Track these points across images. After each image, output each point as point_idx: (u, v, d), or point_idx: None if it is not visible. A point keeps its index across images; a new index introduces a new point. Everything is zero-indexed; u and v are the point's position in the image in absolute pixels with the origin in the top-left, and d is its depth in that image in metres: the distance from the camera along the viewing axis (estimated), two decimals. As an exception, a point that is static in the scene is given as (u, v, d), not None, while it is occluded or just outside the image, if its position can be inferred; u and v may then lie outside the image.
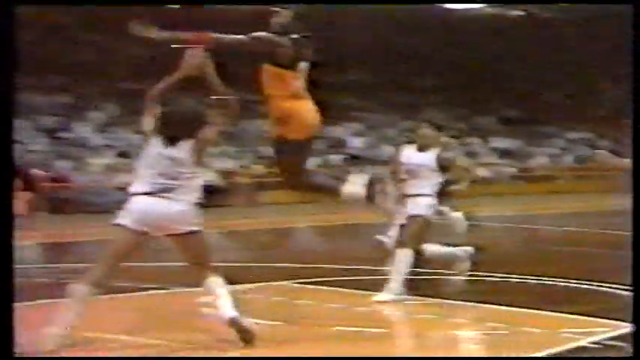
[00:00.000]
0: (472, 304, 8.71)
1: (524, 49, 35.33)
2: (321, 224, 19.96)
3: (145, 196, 6.98)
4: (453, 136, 35.14)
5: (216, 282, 7.09)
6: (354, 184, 7.84)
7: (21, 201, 8.08)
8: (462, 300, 8.87)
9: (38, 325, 6.87)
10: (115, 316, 8.19)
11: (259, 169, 27.47)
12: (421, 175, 8.97)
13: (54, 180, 23.66)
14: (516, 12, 35.97)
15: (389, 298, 8.71)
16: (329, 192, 8.10)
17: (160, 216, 6.99)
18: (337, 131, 32.06)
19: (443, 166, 9.05)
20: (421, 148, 9.10)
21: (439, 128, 9.34)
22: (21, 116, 26.24)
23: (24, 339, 6.65)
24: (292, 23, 7.67)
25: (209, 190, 25.58)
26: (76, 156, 25.97)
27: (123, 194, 7.35)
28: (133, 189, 7.03)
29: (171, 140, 6.97)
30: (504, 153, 35.40)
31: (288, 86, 7.58)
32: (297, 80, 7.63)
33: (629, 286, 5.59)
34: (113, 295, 8.39)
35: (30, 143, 25.12)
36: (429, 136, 9.15)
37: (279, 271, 11.08)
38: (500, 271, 10.43)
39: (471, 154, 33.77)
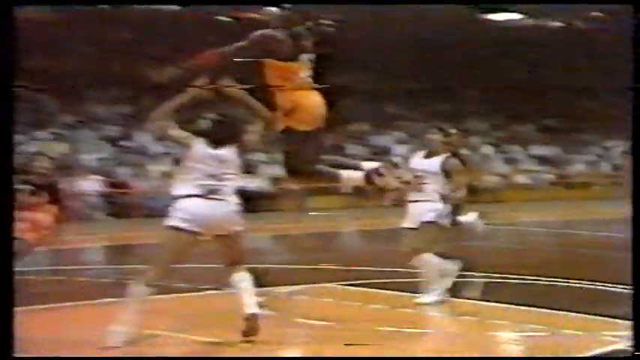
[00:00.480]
0: (513, 306, 8.57)
1: (563, 59, 35.04)
2: (367, 228, 19.87)
3: (195, 198, 6.97)
4: (493, 144, 34.88)
5: (242, 277, 7.12)
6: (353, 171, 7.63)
7: (47, 213, 8.09)
8: (502, 302, 8.75)
9: (104, 322, 6.93)
10: (174, 315, 8.20)
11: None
12: (428, 181, 8.73)
13: (116, 186, 23.92)
14: (556, 23, 35.66)
15: (430, 300, 8.58)
16: (330, 179, 7.74)
17: (211, 217, 7.00)
18: (382, 139, 31.95)
19: (447, 172, 8.76)
20: (429, 155, 8.89)
21: (447, 134, 9.06)
22: (86, 126, 26.49)
23: (93, 335, 6.87)
24: (289, 17, 7.46)
25: (259, 195, 25.59)
26: (136, 163, 26.18)
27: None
28: (180, 191, 7.03)
29: (219, 143, 7.00)
30: (543, 160, 35.11)
31: (292, 79, 7.32)
32: (301, 72, 7.38)
33: (630, 286, 5.49)
34: (172, 295, 8.45)
35: (94, 151, 25.30)
36: (436, 142, 8.92)
37: (326, 274, 10.99)
38: (539, 274, 10.29)
39: (511, 161, 33.50)
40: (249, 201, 8.46)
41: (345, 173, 7.46)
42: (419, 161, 8.92)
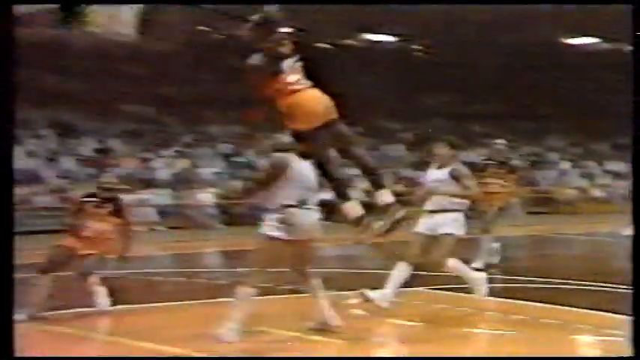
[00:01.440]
0: (593, 311, 8.38)
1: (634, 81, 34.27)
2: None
3: (294, 208, 7.01)
4: (571, 160, 34.09)
5: (319, 282, 7.23)
6: (355, 206, 7.14)
7: (109, 224, 8.31)
8: (583, 307, 8.56)
9: (219, 319, 7.02)
10: (279, 314, 8.27)
11: (399, 187, 27.33)
12: (439, 192, 8.45)
13: (229, 197, 24.19)
14: (629, 47, 35.00)
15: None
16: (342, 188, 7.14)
17: (306, 225, 7.06)
18: (468, 156, 31.60)
19: (455, 177, 8.43)
20: (439, 167, 8.61)
21: (455, 146, 8.76)
22: (204, 144, 26.85)
23: (209, 332, 6.93)
24: (265, 23, 7.11)
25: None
26: (246, 177, 26.39)
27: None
28: (282, 201, 7.03)
29: (304, 157, 7.08)
30: (617, 175, 34.35)
31: (283, 86, 6.93)
32: (290, 76, 6.99)
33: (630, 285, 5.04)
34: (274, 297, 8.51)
35: (211, 166, 25.64)
36: (444, 154, 8.61)
37: (416, 279, 10.89)
38: (615, 282, 10.04)
39: (587, 176, 32.83)
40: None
41: (348, 205, 6.99)
42: (430, 173, 8.68)
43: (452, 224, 8.45)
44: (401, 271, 8.37)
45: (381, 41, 34.09)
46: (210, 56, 28.73)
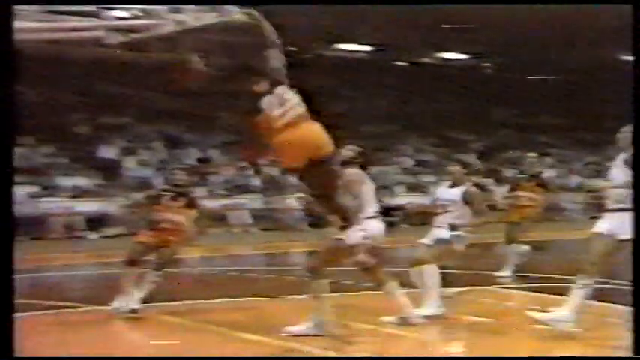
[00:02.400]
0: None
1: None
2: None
3: (374, 219, 7.16)
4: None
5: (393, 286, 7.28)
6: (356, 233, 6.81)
7: (185, 216, 8.36)
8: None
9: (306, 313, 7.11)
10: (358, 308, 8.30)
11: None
12: (449, 209, 8.05)
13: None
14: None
15: (428, 313, 7.78)
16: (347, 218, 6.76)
17: (381, 232, 7.22)
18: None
19: (467, 201, 8.05)
20: (452, 185, 8.24)
21: (467, 166, 8.48)
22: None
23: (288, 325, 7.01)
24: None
25: (420, 212, 25.40)
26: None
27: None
28: (368, 213, 7.11)
29: (365, 168, 7.28)
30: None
31: (268, 123, 6.39)
32: (274, 111, 6.42)
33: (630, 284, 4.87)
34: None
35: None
36: (457, 173, 8.24)
37: (483, 278, 10.83)
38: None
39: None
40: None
41: (350, 232, 6.64)
42: (444, 191, 8.31)
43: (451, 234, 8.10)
44: None
45: (454, 59, 33.94)
46: (292, 75, 28.98)
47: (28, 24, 3.41)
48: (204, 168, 23.39)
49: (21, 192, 20.05)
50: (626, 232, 6.32)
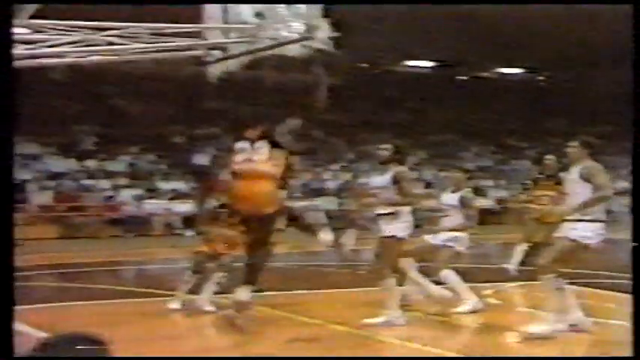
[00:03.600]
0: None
1: None
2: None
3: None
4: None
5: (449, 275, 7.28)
6: (327, 235, 7.18)
7: (237, 231, 8.14)
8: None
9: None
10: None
11: (524, 197, 26.71)
12: (449, 213, 7.72)
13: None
14: None
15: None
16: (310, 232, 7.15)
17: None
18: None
19: (464, 205, 7.67)
20: (453, 191, 7.84)
21: (466, 172, 8.25)
22: (361, 160, 27.05)
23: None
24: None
25: (490, 212, 25.02)
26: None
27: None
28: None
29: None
30: None
31: (232, 167, 6.37)
32: (235, 158, 6.31)
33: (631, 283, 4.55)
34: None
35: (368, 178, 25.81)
36: (456, 179, 7.90)
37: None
38: None
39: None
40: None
41: (321, 236, 6.77)
42: (445, 196, 7.88)
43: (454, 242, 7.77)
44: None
45: (511, 73, 33.80)
46: (368, 87, 29.00)
47: (138, 45, 3.49)
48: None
49: (128, 194, 20.51)
50: (590, 239, 6.34)
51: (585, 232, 6.41)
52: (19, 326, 6.08)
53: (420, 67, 31.75)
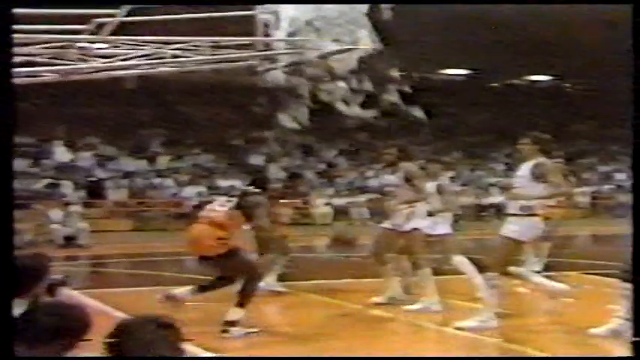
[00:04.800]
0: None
1: None
2: (596, 233, 18.47)
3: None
4: None
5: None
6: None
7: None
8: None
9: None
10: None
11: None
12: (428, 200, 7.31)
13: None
14: None
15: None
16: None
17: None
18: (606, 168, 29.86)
19: (441, 192, 7.28)
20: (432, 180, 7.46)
21: (442, 163, 8.16)
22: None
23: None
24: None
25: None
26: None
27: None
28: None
29: None
30: None
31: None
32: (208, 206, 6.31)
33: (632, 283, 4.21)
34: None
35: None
36: (434, 170, 7.50)
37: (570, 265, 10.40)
38: None
39: None
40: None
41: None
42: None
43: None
44: None
45: (539, 80, 33.54)
46: (408, 94, 28.78)
47: (199, 57, 3.57)
48: (331, 172, 23.56)
49: (191, 191, 20.78)
50: (527, 236, 5.97)
51: (520, 227, 5.95)
52: (98, 306, 6.27)
53: (456, 75, 31.69)
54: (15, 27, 3.35)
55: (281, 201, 8.28)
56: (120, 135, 22.92)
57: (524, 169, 6.15)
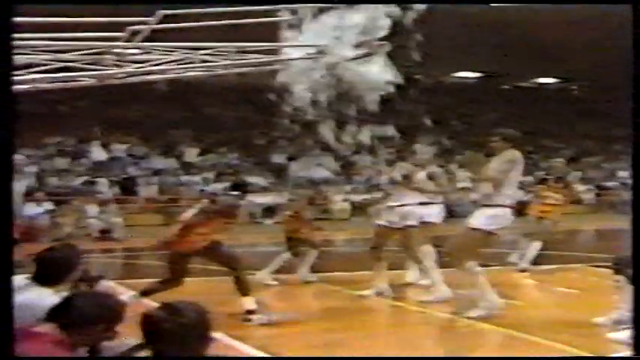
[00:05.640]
0: None
1: None
2: (598, 228, 18.29)
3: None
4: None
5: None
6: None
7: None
8: None
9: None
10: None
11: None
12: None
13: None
14: None
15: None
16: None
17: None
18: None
19: (431, 178, 7.24)
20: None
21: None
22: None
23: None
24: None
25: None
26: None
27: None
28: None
29: None
30: None
31: None
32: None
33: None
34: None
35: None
36: (426, 159, 7.54)
37: (575, 258, 10.32)
38: None
39: None
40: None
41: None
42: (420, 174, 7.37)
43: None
44: None
45: (546, 83, 33.27)
46: (422, 96, 28.67)
47: (226, 61, 3.60)
48: (349, 170, 23.53)
49: (217, 188, 20.86)
50: (494, 227, 5.92)
51: (487, 219, 5.91)
52: (131, 295, 6.33)
53: (468, 78, 31.51)
54: (54, 35, 3.42)
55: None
56: (151, 135, 23.10)
57: (494, 162, 6.17)
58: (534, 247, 9.14)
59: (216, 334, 2.40)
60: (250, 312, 5.99)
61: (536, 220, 9.48)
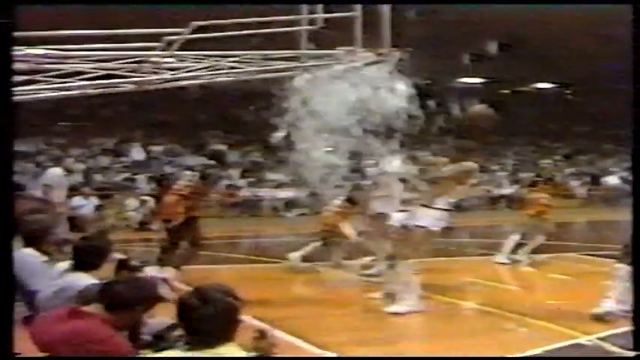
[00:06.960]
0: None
1: None
2: (591, 219, 18.02)
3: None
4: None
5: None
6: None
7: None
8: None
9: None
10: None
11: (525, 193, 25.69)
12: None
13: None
14: None
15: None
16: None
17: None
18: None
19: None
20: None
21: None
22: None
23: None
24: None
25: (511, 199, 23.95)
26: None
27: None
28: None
29: None
30: None
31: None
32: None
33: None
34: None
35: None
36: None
37: (568, 247, 10.19)
38: None
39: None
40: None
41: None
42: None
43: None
44: None
45: (544, 88, 33.22)
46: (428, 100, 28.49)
47: (252, 68, 3.61)
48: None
49: (244, 183, 20.93)
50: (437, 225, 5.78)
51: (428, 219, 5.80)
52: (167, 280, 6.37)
53: (472, 84, 31.47)
54: (99, 45, 3.46)
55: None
56: (184, 135, 23.28)
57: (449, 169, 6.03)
58: (539, 240, 9.02)
59: (244, 317, 2.40)
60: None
61: (534, 219, 9.26)
